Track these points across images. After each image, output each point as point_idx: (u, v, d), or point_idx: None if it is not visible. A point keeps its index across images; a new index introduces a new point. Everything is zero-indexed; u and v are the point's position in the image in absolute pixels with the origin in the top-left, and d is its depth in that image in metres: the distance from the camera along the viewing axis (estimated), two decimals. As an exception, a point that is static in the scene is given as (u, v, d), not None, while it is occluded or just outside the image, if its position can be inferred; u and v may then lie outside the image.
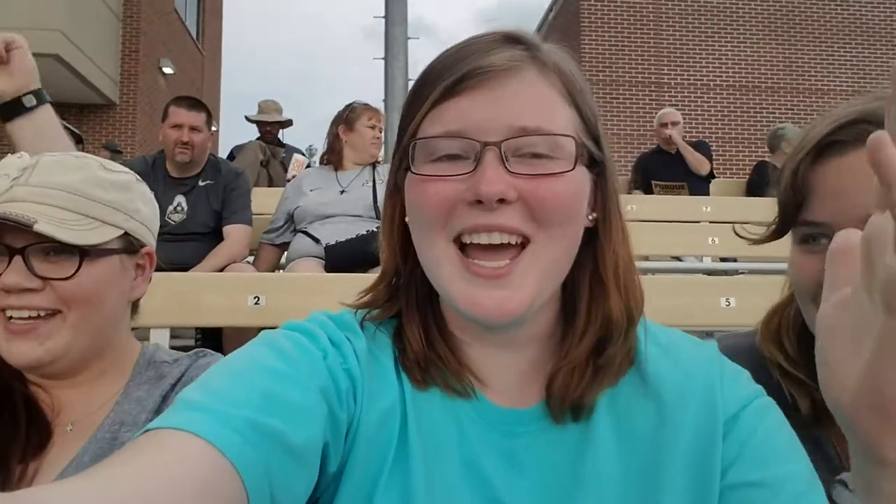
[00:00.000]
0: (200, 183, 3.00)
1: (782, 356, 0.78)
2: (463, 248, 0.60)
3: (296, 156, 4.89)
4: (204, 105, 3.14)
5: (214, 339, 2.57)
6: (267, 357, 0.58)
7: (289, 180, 4.43)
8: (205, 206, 2.96)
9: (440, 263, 0.61)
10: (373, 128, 3.09)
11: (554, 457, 0.63)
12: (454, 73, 0.59)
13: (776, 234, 0.78)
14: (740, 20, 11.96)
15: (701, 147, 5.33)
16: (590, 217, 0.65)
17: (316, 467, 0.56)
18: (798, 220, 0.73)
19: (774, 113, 11.50)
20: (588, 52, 11.60)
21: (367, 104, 3.18)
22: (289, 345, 0.60)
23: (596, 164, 0.64)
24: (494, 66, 0.59)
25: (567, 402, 0.63)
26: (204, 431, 0.47)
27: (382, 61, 7.64)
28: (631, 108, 11.52)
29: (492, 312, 0.58)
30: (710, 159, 5.32)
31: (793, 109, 11.59)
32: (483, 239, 0.59)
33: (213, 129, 3.17)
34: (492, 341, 0.66)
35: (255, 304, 2.14)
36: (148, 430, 0.49)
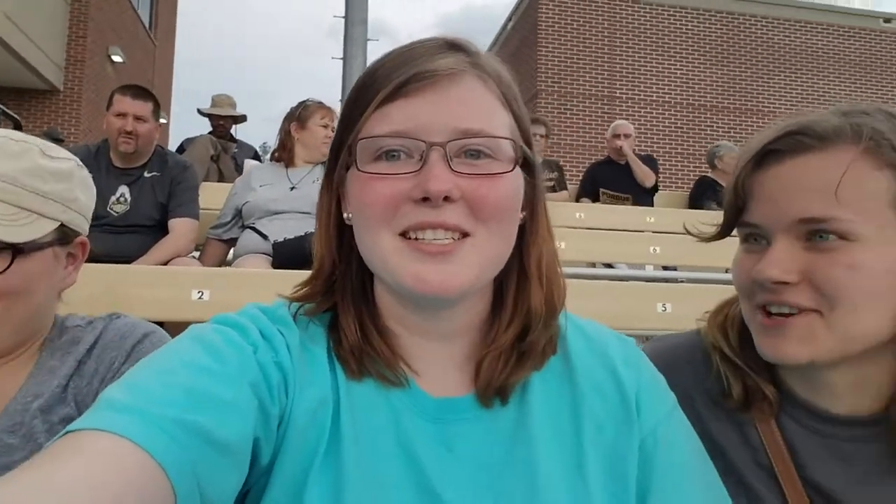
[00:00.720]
0: (146, 174, 2.92)
1: (725, 343, 0.84)
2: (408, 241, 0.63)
3: (248, 161, 4.82)
4: (151, 94, 3.04)
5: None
6: (194, 353, 0.57)
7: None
8: (150, 198, 2.89)
9: (386, 257, 0.62)
10: (325, 126, 3.08)
11: (487, 442, 0.65)
12: (401, 76, 0.61)
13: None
14: (689, 42, 12.41)
15: (649, 161, 5.50)
16: (520, 216, 0.68)
17: (247, 462, 0.56)
18: (740, 221, 0.78)
19: (718, 131, 11.97)
20: (544, 64, 11.82)
21: (320, 102, 3.17)
22: (218, 339, 0.60)
23: (528, 167, 0.68)
24: (439, 71, 0.62)
25: (493, 386, 0.66)
26: (127, 431, 0.47)
27: (341, 61, 7.61)
28: (584, 120, 11.78)
29: (437, 287, 0.60)
30: (657, 173, 5.51)
31: (735, 128, 12.09)
32: (428, 236, 0.61)
33: (163, 120, 3.10)
34: (426, 333, 0.69)
35: (199, 298, 2.12)
36: (69, 432, 0.47)
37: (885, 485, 0.72)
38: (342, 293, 0.70)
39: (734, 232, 0.82)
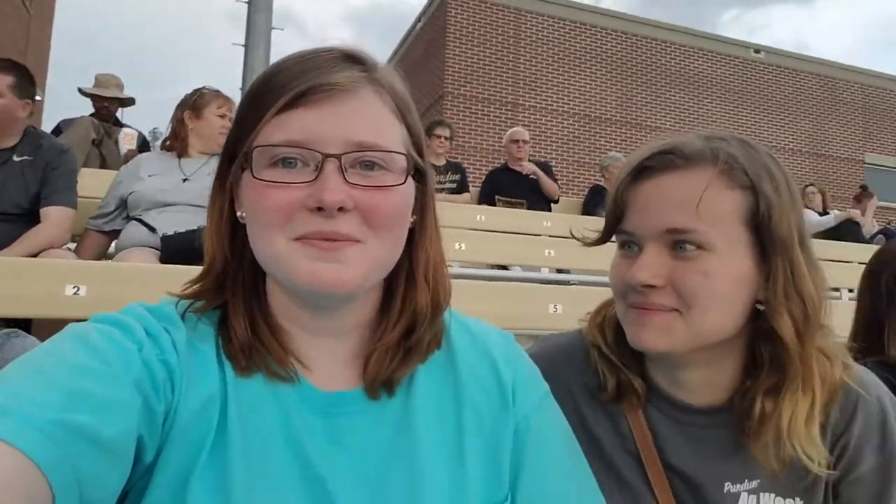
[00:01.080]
0: (16, 158, 2.64)
1: (602, 341, 0.93)
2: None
3: (125, 129, 4.48)
4: (12, 66, 2.69)
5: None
6: (74, 353, 0.56)
7: (124, 157, 4.08)
8: (19, 183, 2.61)
9: (281, 258, 0.63)
10: (222, 116, 2.93)
11: (375, 434, 0.68)
12: (300, 85, 0.63)
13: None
14: (587, 56, 13.03)
15: (546, 169, 5.73)
16: (410, 220, 0.71)
17: (130, 461, 0.55)
18: (617, 229, 0.86)
19: (611, 142, 12.64)
20: (451, 67, 11.96)
21: (217, 91, 3.02)
22: (99, 338, 0.59)
23: (419, 175, 0.71)
24: (338, 85, 0.64)
25: (380, 379, 0.69)
26: (3, 433, 0.46)
27: (242, 48, 7.30)
28: (487, 125, 12.05)
29: (329, 283, 0.62)
30: (555, 181, 5.76)
31: (626, 141, 12.82)
32: (323, 245, 0.63)
33: (38, 98, 2.82)
34: (317, 330, 0.71)
35: (75, 293, 1.96)
36: None
37: (729, 462, 0.84)
38: (233, 291, 0.70)
39: (614, 238, 0.90)
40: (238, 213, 0.69)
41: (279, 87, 0.64)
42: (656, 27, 13.73)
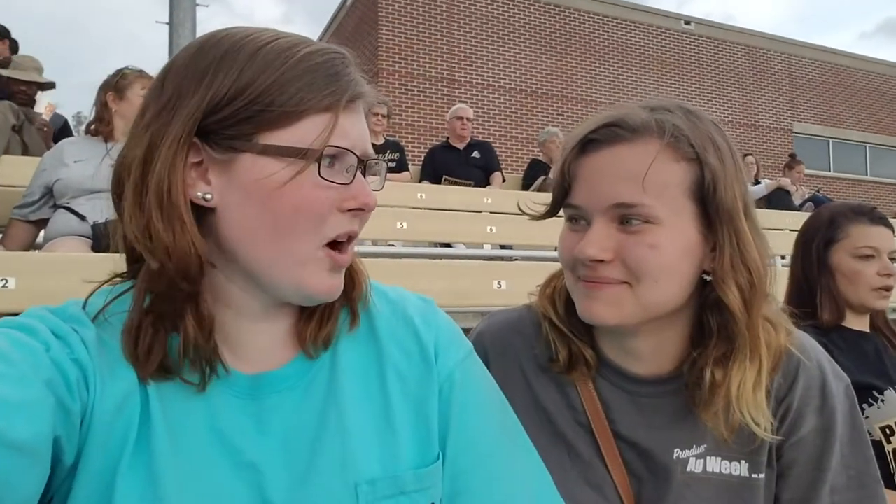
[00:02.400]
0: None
1: (553, 312, 0.93)
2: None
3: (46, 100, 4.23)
4: None
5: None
6: None
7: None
8: (-68, 173, 2.48)
9: (306, 262, 0.64)
10: (150, 98, 2.84)
11: (302, 410, 0.69)
12: (351, 90, 0.66)
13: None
14: (521, 30, 13.07)
15: (488, 150, 5.77)
16: None
17: (47, 462, 0.54)
18: (565, 202, 0.86)
19: (548, 116, 12.80)
20: (385, 44, 11.78)
21: (140, 71, 2.89)
22: (3, 343, 0.56)
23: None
24: (367, 94, 0.69)
25: (321, 338, 0.71)
26: None
27: (167, 26, 6.97)
28: (425, 101, 11.97)
29: (334, 293, 0.68)
30: (496, 159, 5.81)
31: (563, 115, 13.01)
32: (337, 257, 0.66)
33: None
34: (256, 315, 0.69)
35: (3, 286, 1.88)
36: None
37: (678, 429, 0.87)
38: (190, 291, 0.63)
39: (560, 212, 0.90)
40: (202, 195, 0.62)
41: (342, 87, 0.65)
42: (589, 0, 13.89)
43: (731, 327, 0.80)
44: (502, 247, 4.52)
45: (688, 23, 15.14)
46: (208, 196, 0.63)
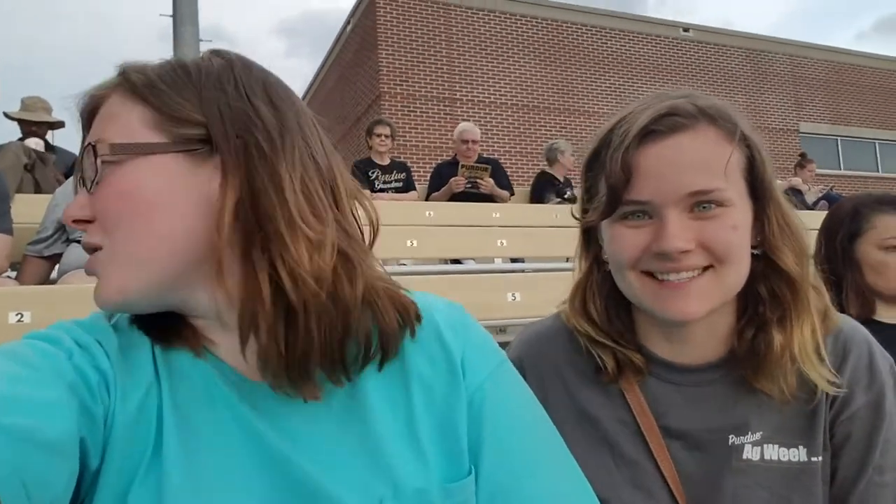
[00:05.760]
0: (-58, 187, 2.53)
1: (590, 326, 0.90)
2: None
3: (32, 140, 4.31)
4: None
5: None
6: (2, 365, 0.55)
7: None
8: (-53, 213, 2.51)
9: None
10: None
11: (320, 423, 0.66)
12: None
13: (605, 213, 0.85)
14: (520, 46, 13.19)
15: (497, 168, 5.70)
16: None
17: (76, 461, 0.54)
18: (624, 199, 0.82)
19: (551, 130, 12.84)
20: (386, 66, 11.92)
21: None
22: (27, 350, 0.57)
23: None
24: None
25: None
26: None
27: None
28: (427, 122, 12.06)
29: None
30: (505, 176, 5.79)
31: (566, 128, 13.06)
32: None
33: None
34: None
35: (19, 320, 1.89)
36: None
37: (731, 415, 0.85)
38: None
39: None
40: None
41: None
42: (586, 13, 14.01)
43: (783, 291, 0.83)
44: (513, 260, 4.50)
45: (686, 30, 15.22)
46: None
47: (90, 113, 0.66)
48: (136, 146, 0.61)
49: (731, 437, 0.84)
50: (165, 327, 0.66)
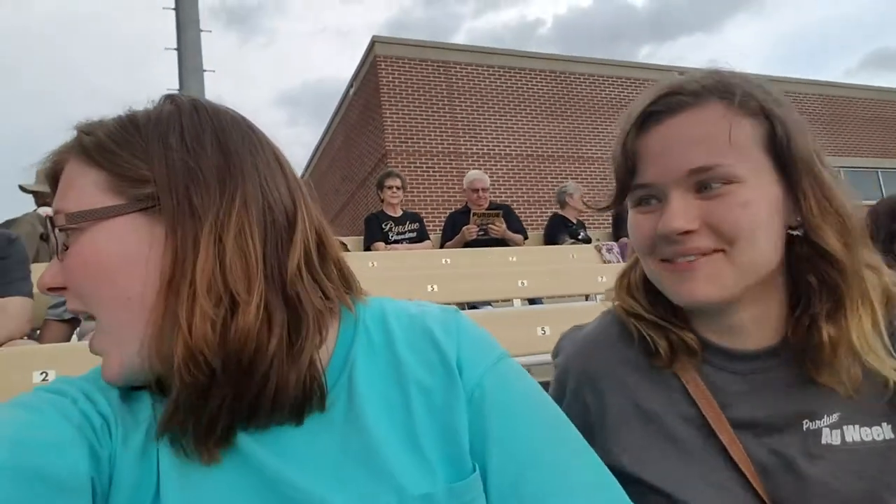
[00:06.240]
0: (-38, 253, 2.53)
1: (640, 306, 0.88)
2: None
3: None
4: None
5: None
6: (11, 413, 0.57)
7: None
8: (-32, 278, 2.49)
9: None
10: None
11: (320, 438, 0.66)
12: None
13: (616, 200, 0.86)
14: (521, 98, 13.48)
15: (508, 213, 5.74)
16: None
17: (88, 499, 0.56)
18: (631, 185, 0.82)
19: (557, 178, 12.96)
20: (390, 125, 12.17)
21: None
22: (34, 399, 0.61)
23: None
24: None
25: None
26: None
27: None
28: (434, 176, 12.21)
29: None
30: (518, 220, 5.81)
31: (573, 174, 13.17)
32: None
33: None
34: None
35: (43, 379, 1.85)
36: None
37: (801, 400, 0.79)
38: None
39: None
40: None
41: None
42: (586, 63, 14.36)
43: (833, 277, 0.77)
44: (531, 301, 4.46)
45: (681, 73, 15.47)
46: None
47: (53, 178, 0.67)
48: (91, 213, 0.61)
49: (805, 422, 0.78)
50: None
